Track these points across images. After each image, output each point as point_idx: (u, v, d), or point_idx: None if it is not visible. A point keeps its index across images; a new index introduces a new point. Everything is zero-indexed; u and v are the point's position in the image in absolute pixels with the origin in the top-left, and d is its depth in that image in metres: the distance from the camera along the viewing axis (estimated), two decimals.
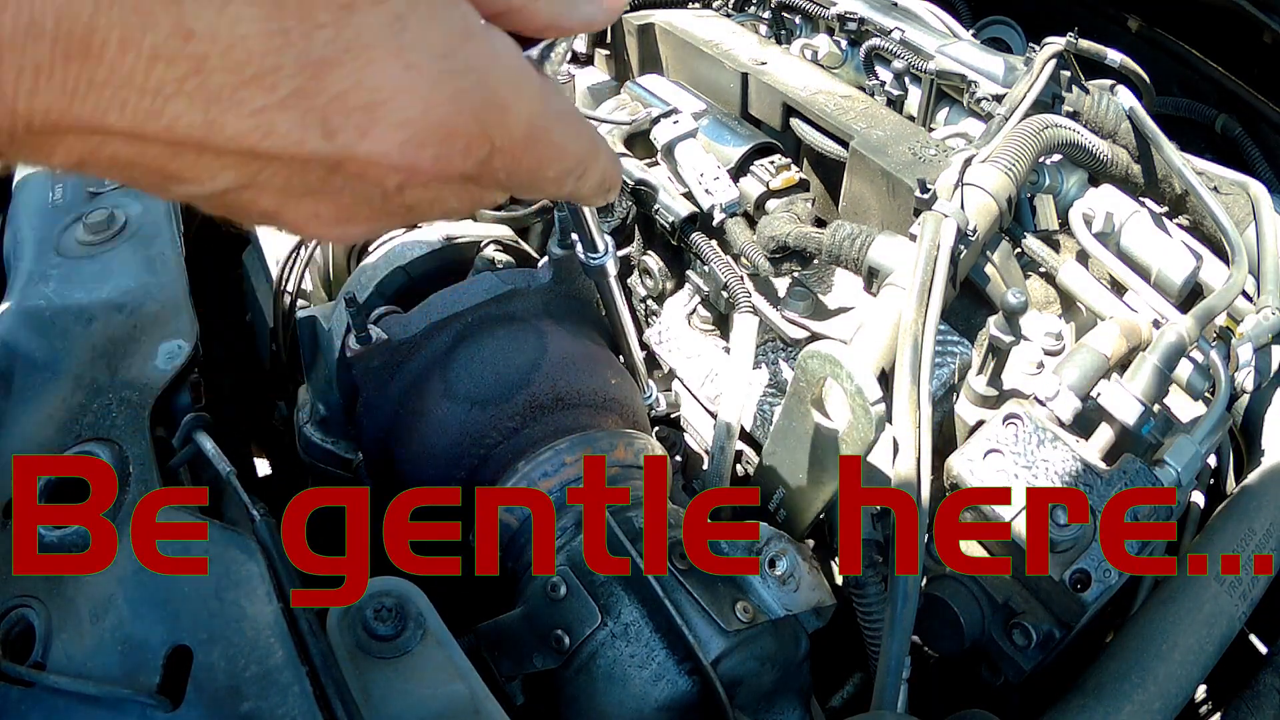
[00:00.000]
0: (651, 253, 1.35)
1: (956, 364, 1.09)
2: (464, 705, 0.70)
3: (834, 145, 1.31)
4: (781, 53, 1.48)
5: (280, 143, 0.35)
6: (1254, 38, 1.38)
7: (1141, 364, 0.98)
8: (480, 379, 1.02)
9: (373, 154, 0.37)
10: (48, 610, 0.72)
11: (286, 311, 1.29)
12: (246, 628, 0.69)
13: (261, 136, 0.35)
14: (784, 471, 1.01)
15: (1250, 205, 1.18)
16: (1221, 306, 1.06)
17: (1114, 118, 1.26)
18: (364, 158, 0.37)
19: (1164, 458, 0.95)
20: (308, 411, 1.19)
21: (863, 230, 1.12)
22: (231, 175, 0.36)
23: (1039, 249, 1.18)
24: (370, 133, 0.36)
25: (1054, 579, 0.88)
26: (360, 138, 0.36)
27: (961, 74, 1.33)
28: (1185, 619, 0.89)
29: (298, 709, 0.64)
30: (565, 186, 0.45)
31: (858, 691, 1.06)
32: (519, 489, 0.96)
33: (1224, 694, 0.96)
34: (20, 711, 0.65)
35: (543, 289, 1.11)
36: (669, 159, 1.29)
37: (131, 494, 0.79)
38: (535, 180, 0.44)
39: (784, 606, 0.83)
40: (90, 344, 0.95)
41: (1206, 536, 0.96)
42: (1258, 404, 1.10)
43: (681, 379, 1.27)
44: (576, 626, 0.83)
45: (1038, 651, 0.92)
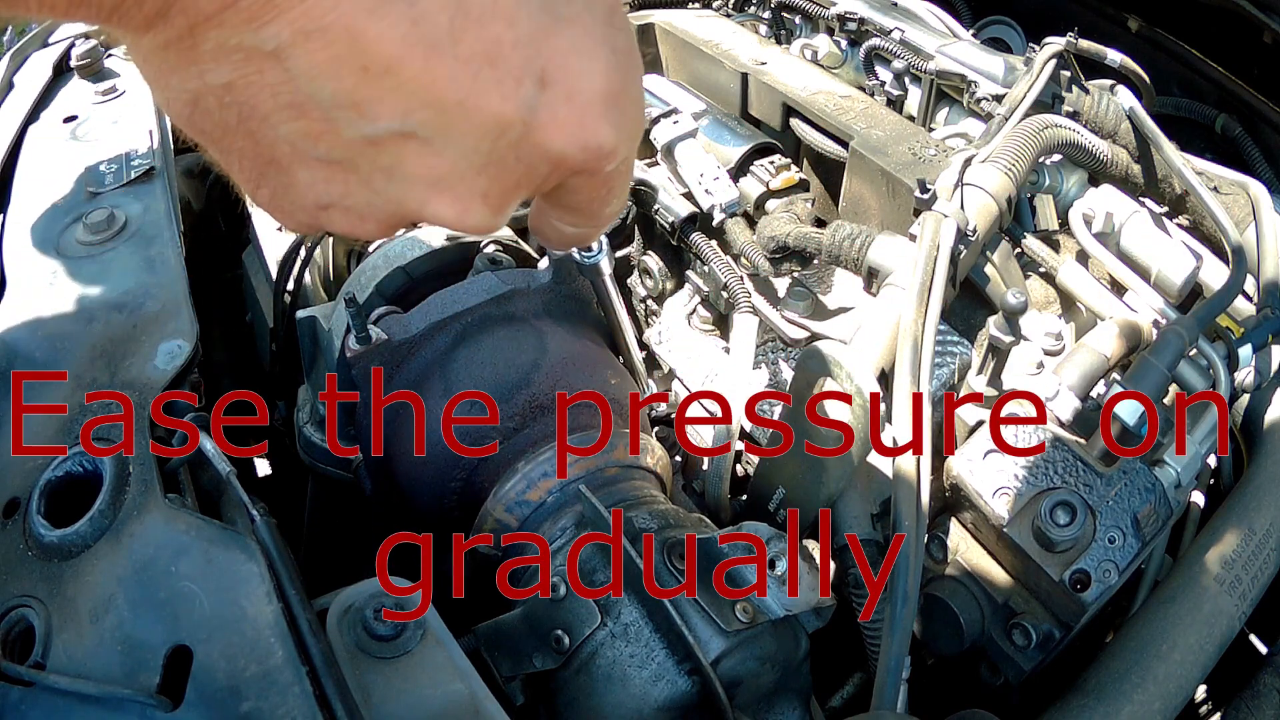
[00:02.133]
0: (651, 253, 1.35)
1: (956, 364, 1.09)
2: (464, 705, 0.70)
3: (834, 145, 1.31)
4: (781, 53, 1.48)
5: (484, 98, 0.34)
6: (1254, 38, 1.38)
7: (1141, 364, 0.98)
8: (480, 379, 1.02)
9: (568, 120, 0.36)
10: (48, 610, 0.72)
11: (286, 311, 1.29)
12: (246, 628, 0.69)
13: (472, 79, 0.34)
14: (784, 471, 1.01)
15: (1250, 205, 1.18)
16: (1221, 307, 1.06)
17: (1114, 118, 1.26)
18: (562, 122, 0.36)
19: (1164, 458, 0.95)
20: (308, 411, 1.19)
21: (863, 230, 1.12)
22: (419, 118, 0.35)
23: (1039, 249, 1.18)
24: (574, 98, 0.36)
25: (1054, 579, 0.88)
26: (566, 100, 0.35)
27: (961, 74, 1.33)
28: (1185, 619, 0.89)
29: (298, 709, 0.64)
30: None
31: (858, 691, 1.06)
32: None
33: (1224, 694, 0.96)
34: (20, 711, 0.65)
35: (543, 289, 1.11)
36: (669, 159, 1.29)
37: (131, 494, 0.79)
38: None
39: (784, 606, 0.83)
40: (90, 344, 0.95)
41: (1206, 536, 0.96)
42: (1258, 404, 1.10)
43: (681, 379, 1.27)
44: (576, 626, 0.83)
45: (1037, 651, 0.92)
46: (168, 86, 0.35)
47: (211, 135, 0.37)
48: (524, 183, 0.39)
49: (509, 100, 0.35)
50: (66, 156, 1.24)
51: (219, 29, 0.32)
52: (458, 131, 0.35)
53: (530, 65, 0.35)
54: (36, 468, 0.83)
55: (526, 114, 0.36)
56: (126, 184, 1.17)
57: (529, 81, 0.35)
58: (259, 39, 0.32)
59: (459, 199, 0.38)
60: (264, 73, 0.33)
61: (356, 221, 0.40)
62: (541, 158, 0.38)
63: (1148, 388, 0.95)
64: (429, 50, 0.33)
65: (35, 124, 1.34)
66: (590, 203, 0.43)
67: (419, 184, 0.37)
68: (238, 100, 0.35)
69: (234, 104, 0.35)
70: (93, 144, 1.26)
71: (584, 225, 0.45)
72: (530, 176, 0.39)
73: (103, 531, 0.77)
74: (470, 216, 0.39)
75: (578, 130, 0.37)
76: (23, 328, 0.97)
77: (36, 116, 1.35)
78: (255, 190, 0.40)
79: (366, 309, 1.09)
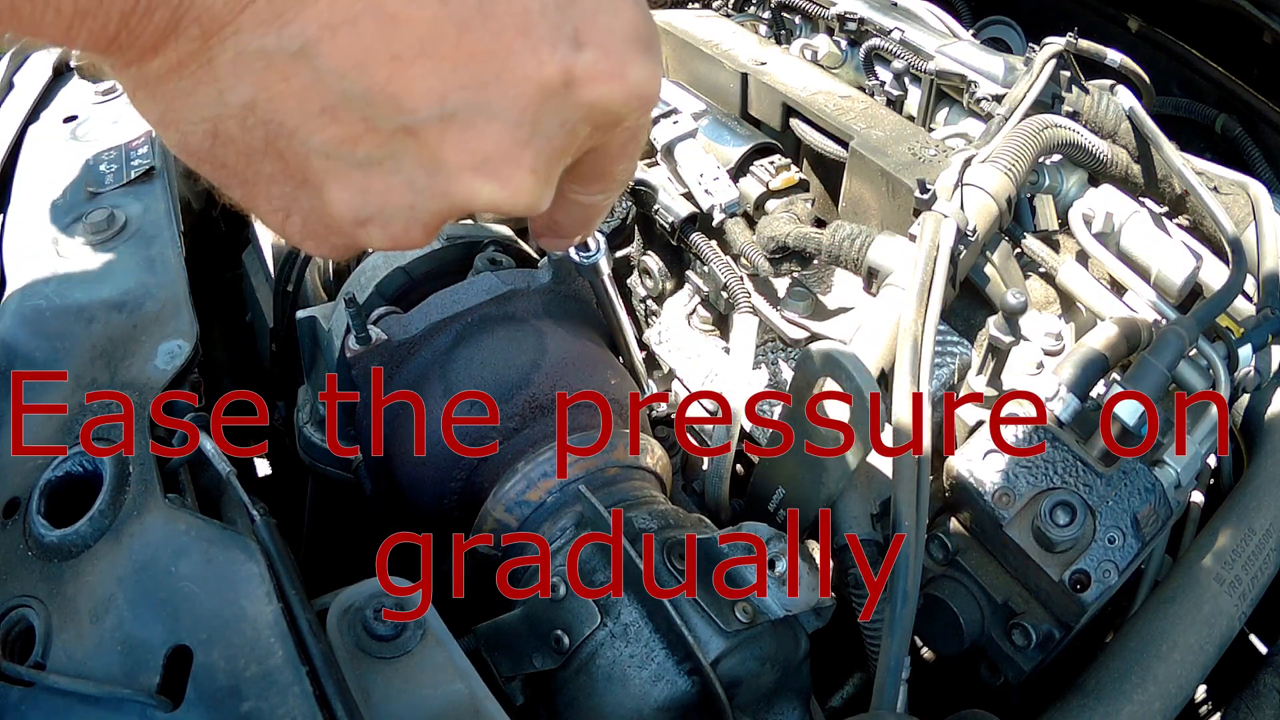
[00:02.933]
0: (651, 253, 1.35)
1: (956, 364, 1.09)
2: (464, 705, 0.70)
3: (834, 145, 1.31)
4: (781, 53, 1.48)
5: (522, 66, 0.33)
6: (1254, 38, 1.38)
7: (1141, 364, 0.98)
8: (480, 379, 1.02)
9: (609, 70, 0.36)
10: (48, 610, 0.72)
11: (286, 311, 1.29)
12: (246, 628, 0.69)
13: (507, 50, 0.33)
14: (784, 471, 1.01)
15: (1250, 205, 1.18)
16: (1221, 307, 1.06)
17: (1114, 118, 1.26)
18: (603, 74, 0.35)
19: (1164, 458, 0.95)
20: (308, 411, 1.19)
21: (862, 230, 1.12)
22: (458, 99, 0.34)
23: (1039, 249, 1.18)
24: (610, 50, 0.35)
25: (1054, 579, 0.88)
26: (602, 52, 0.35)
27: (961, 74, 1.33)
28: (1185, 619, 0.89)
29: (298, 709, 0.64)
30: None
31: (858, 691, 1.06)
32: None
33: (1224, 694, 0.96)
34: (20, 711, 0.65)
35: (542, 289, 1.11)
36: (669, 159, 1.29)
37: (131, 494, 0.79)
38: None
39: (784, 606, 0.83)
40: (90, 344, 0.95)
41: (1206, 536, 0.96)
42: (1258, 404, 1.10)
43: (681, 379, 1.27)
44: (576, 627, 0.83)
45: (1037, 651, 0.92)
46: (181, 121, 0.34)
47: (234, 168, 0.35)
48: (567, 148, 0.38)
49: (547, 64, 0.34)
50: (66, 156, 1.24)
51: (237, 35, 0.31)
52: (499, 106, 0.35)
53: (562, 28, 0.34)
54: (36, 468, 0.83)
55: (566, 74, 0.35)
56: (126, 184, 1.17)
57: (563, 43, 0.35)
58: (282, 40, 0.31)
59: (508, 178, 0.37)
60: (290, 79, 0.32)
61: (400, 231, 0.38)
62: (584, 116, 0.37)
63: (1148, 388, 0.95)
64: (460, 28, 0.32)
65: (35, 124, 1.34)
66: (615, 161, 0.42)
67: (464, 171, 0.36)
68: (263, 118, 0.33)
69: (259, 124, 0.33)
70: (93, 144, 1.26)
71: (605, 191, 0.45)
72: (572, 141, 0.38)
73: (103, 531, 0.77)
74: (522, 194, 0.38)
75: (619, 78, 0.36)
76: (23, 328, 0.97)
77: (36, 116, 1.35)
78: (284, 222, 0.38)
79: (366, 309, 1.09)
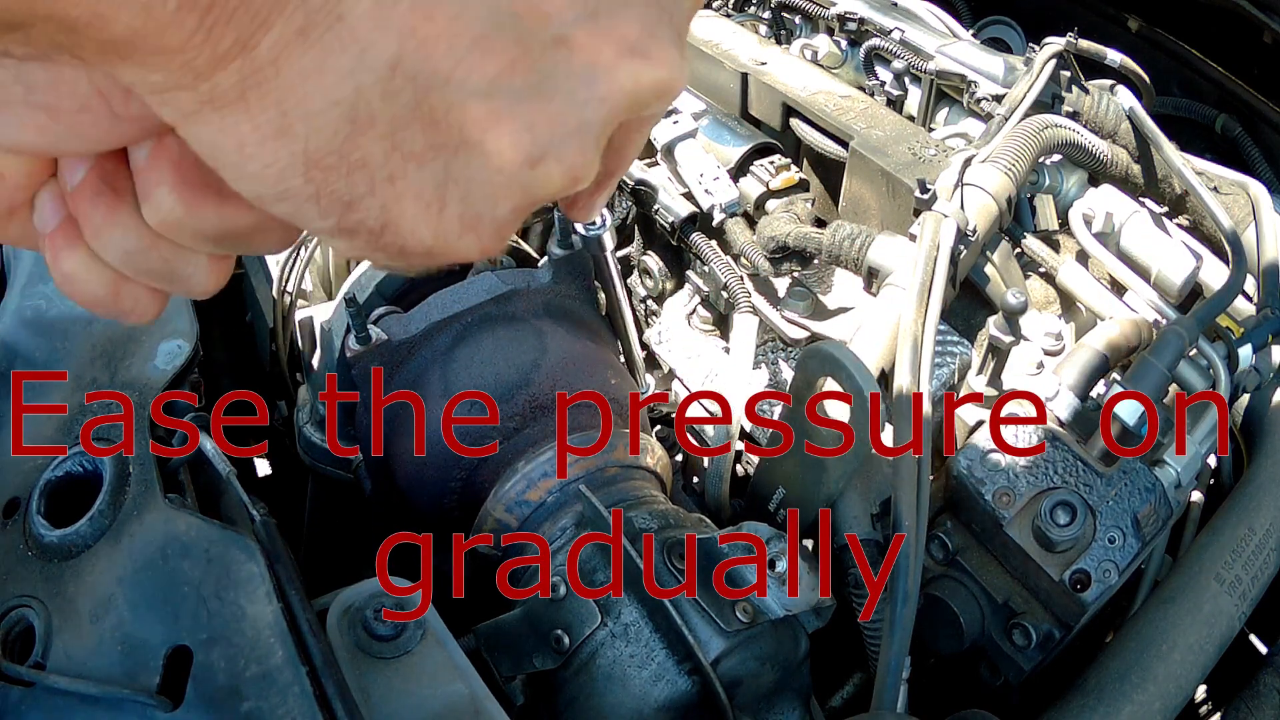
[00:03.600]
0: (651, 253, 1.35)
1: (956, 364, 1.09)
2: (464, 705, 0.70)
3: (834, 145, 1.31)
4: (781, 53, 1.48)
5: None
6: (1254, 38, 1.38)
7: (1141, 364, 0.98)
8: (480, 379, 1.02)
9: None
10: (48, 610, 0.72)
11: (286, 311, 1.29)
12: (246, 628, 0.69)
13: None
14: (784, 471, 1.02)
15: (1250, 205, 1.18)
16: (1221, 307, 1.06)
17: (1114, 118, 1.26)
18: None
19: (1164, 458, 0.95)
20: (308, 411, 1.19)
21: (863, 230, 1.12)
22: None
23: (1039, 249, 1.18)
24: None
25: (1054, 579, 0.88)
26: None
27: (961, 74, 1.33)
28: (1185, 619, 0.89)
29: (298, 709, 0.64)
30: None
31: (858, 691, 1.06)
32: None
33: (1224, 694, 0.97)
34: (20, 711, 0.65)
35: (543, 289, 1.11)
36: (669, 159, 1.29)
37: (131, 494, 0.79)
38: None
39: (784, 606, 0.83)
40: (90, 344, 0.95)
41: (1206, 536, 0.96)
42: (1258, 404, 1.10)
43: (681, 379, 1.27)
44: (576, 626, 0.83)
45: (1037, 651, 0.92)
46: (307, 115, 0.28)
47: (375, 161, 0.30)
48: (690, 17, 0.36)
49: None
50: None
51: None
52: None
53: None
54: (36, 468, 0.83)
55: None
56: None
57: None
58: None
59: (660, 56, 0.34)
60: (434, 16, 0.28)
61: (576, 157, 0.34)
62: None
63: (1148, 388, 0.95)
64: None
65: None
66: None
67: (619, 65, 0.33)
68: (411, 73, 0.29)
69: (407, 83, 0.29)
70: None
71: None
72: (696, 5, 0.36)
73: (103, 531, 0.77)
74: (677, 69, 0.34)
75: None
76: (23, 328, 0.97)
77: None
78: (439, 216, 0.32)
79: (366, 309, 1.09)
